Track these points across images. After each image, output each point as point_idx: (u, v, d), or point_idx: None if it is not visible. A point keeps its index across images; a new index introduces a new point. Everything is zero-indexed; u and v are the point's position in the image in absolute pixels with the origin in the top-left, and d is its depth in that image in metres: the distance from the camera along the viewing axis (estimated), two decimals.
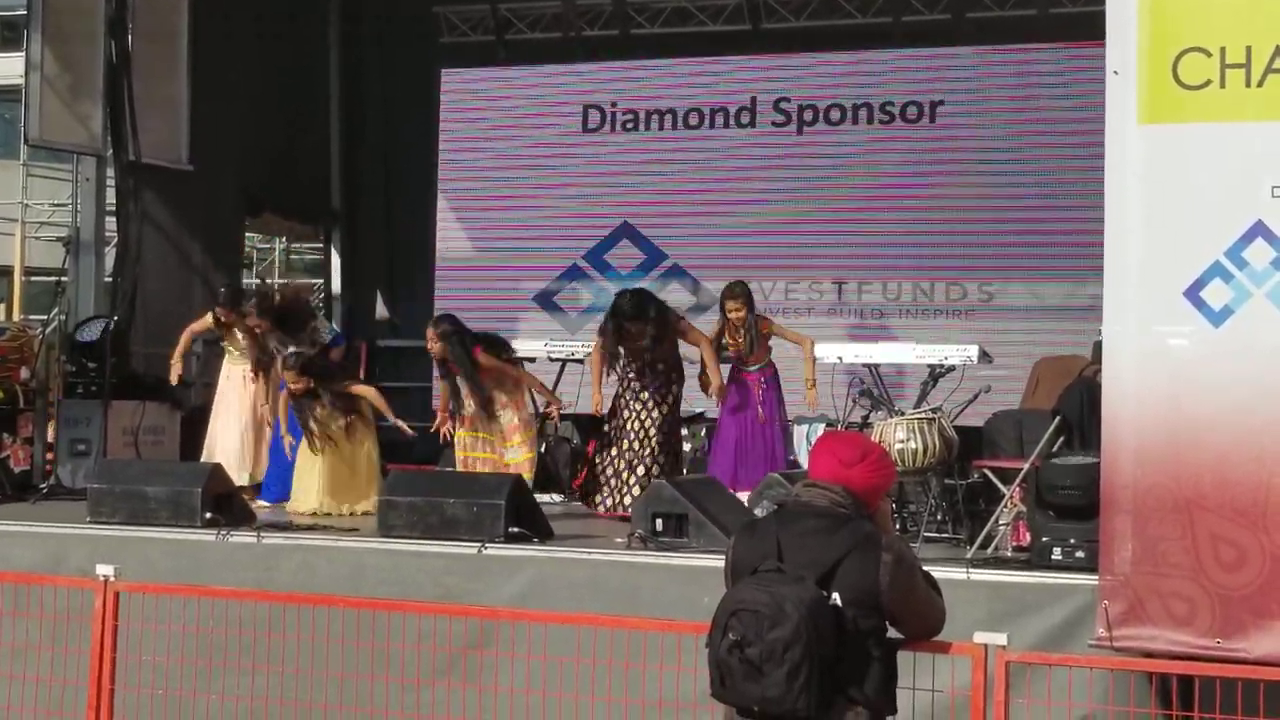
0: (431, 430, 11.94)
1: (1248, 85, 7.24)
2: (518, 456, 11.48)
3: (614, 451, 11.62)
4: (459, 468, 11.55)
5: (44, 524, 10.23)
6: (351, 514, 11.32)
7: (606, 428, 11.79)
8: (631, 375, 11.68)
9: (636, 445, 11.52)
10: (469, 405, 11.56)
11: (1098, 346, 8.84)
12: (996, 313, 15.55)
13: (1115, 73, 7.45)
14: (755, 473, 11.21)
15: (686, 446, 12.88)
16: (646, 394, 11.61)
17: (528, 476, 11.05)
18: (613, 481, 11.56)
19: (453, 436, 11.67)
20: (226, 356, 12.97)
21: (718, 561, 5.29)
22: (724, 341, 12.02)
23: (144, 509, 10.04)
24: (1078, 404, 9.18)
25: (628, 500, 11.27)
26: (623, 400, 11.73)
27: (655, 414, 11.61)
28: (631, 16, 17.39)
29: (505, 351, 11.81)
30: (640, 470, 11.44)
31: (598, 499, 11.65)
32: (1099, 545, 7.54)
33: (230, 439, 12.52)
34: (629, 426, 11.59)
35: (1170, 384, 7.35)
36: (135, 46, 14.49)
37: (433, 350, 11.66)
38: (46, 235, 24.24)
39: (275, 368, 12.18)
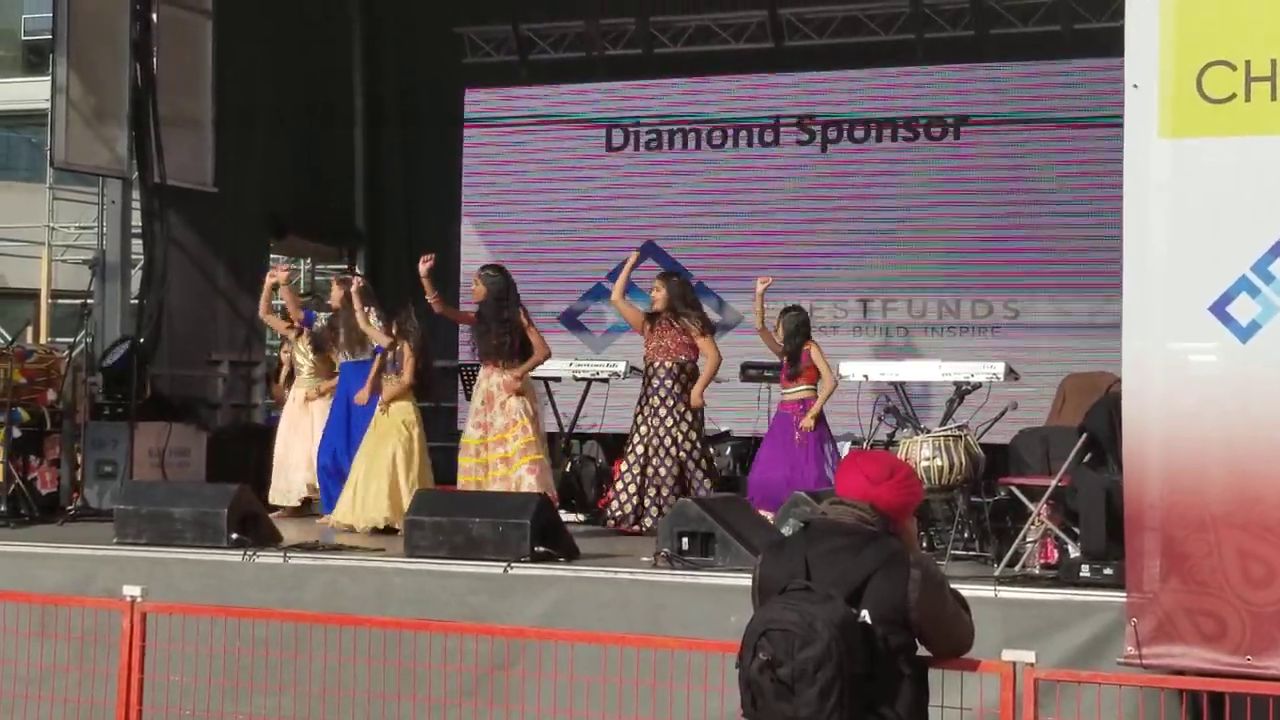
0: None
1: (1273, 98, 7.21)
2: (521, 458, 11.41)
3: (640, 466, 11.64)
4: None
5: (71, 545, 10.25)
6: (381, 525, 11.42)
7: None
8: (654, 382, 11.67)
9: (657, 458, 11.55)
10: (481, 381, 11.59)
11: None
12: (1022, 329, 15.53)
13: (1135, 86, 7.43)
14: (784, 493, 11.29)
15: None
16: (657, 400, 11.63)
17: (537, 484, 11.15)
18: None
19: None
20: (296, 381, 13.18)
21: (744, 580, 5.27)
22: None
23: (170, 530, 10.05)
24: (1105, 421, 9.12)
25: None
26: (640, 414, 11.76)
27: (670, 423, 11.61)
28: (654, 36, 17.41)
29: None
30: (661, 483, 11.48)
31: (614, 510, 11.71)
32: (1125, 563, 7.51)
33: (304, 455, 12.72)
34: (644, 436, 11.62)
35: (1195, 400, 7.31)
36: (160, 69, 14.56)
37: (475, 294, 11.79)
38: (72, 258, 24.28)
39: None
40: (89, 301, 14.28)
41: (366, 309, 12.20)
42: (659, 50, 17.44)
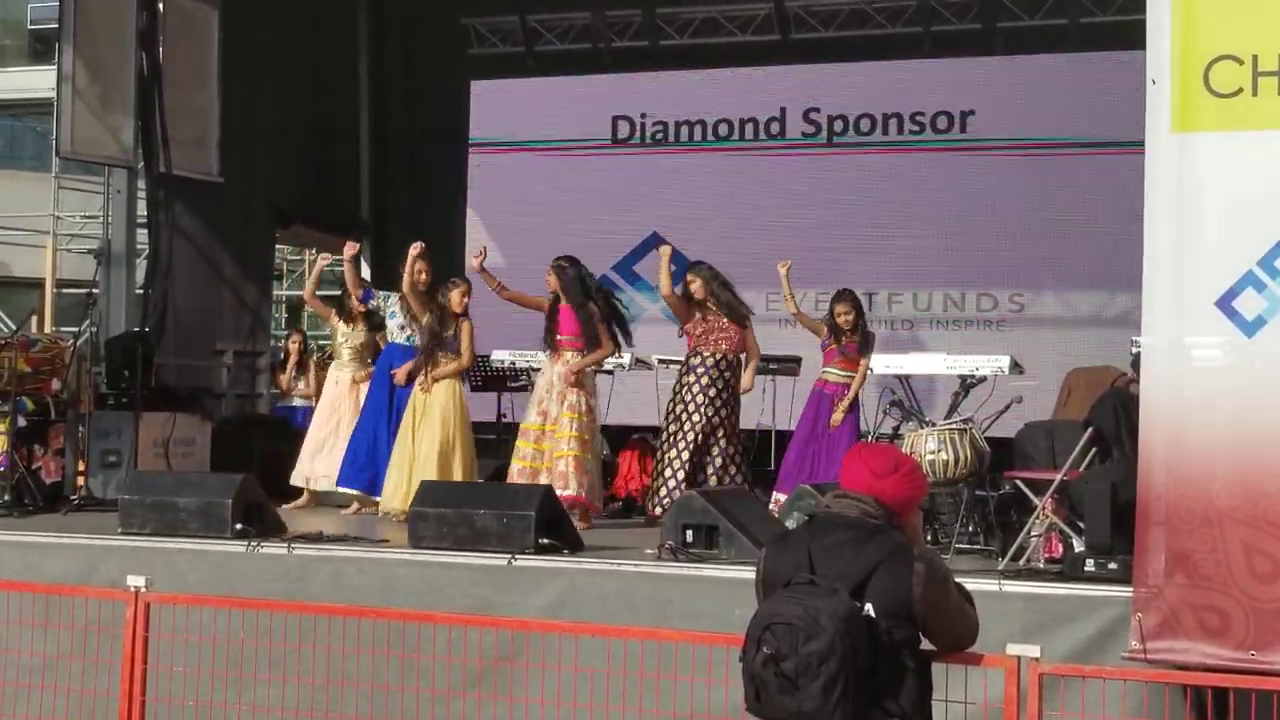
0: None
1: None
2: (563, 450, 11.37)
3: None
4: (518, 480, 11.45)
5: (75, 535, 10.24)
6: None
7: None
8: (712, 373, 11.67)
9: (709, 445, 11.59)
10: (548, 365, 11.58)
11: (1137, 358, 8.81)
12: (1027, 323, 15.53)
13: (1153, 81, 7.41)
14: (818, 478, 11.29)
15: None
16: (714, 391, 11.63)
17: (573, 475, 11.15)
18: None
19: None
20: (334, 364, 13.14)
21: (748, 573, 5.27)
22: (826, 343, 12.17)
23: (175, 520, 10.05)
24: (1110, 415, 9.13)
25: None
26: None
27: (725, 413, 11.64)
28: (661, 27, 17.40)
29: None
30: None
31: None
32: (1132, 557, 7.50)
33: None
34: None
35: (1202, 394, 7.30)
36: (166, 59, 14.57)
37: (548, 283, 11.69)
38: (78, 247, 24.33)
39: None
40: (94, 291, 14.29)
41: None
42: (665, 42, 17.45)
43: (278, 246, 19.52)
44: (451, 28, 17.96)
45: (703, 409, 11.58)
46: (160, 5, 14.54)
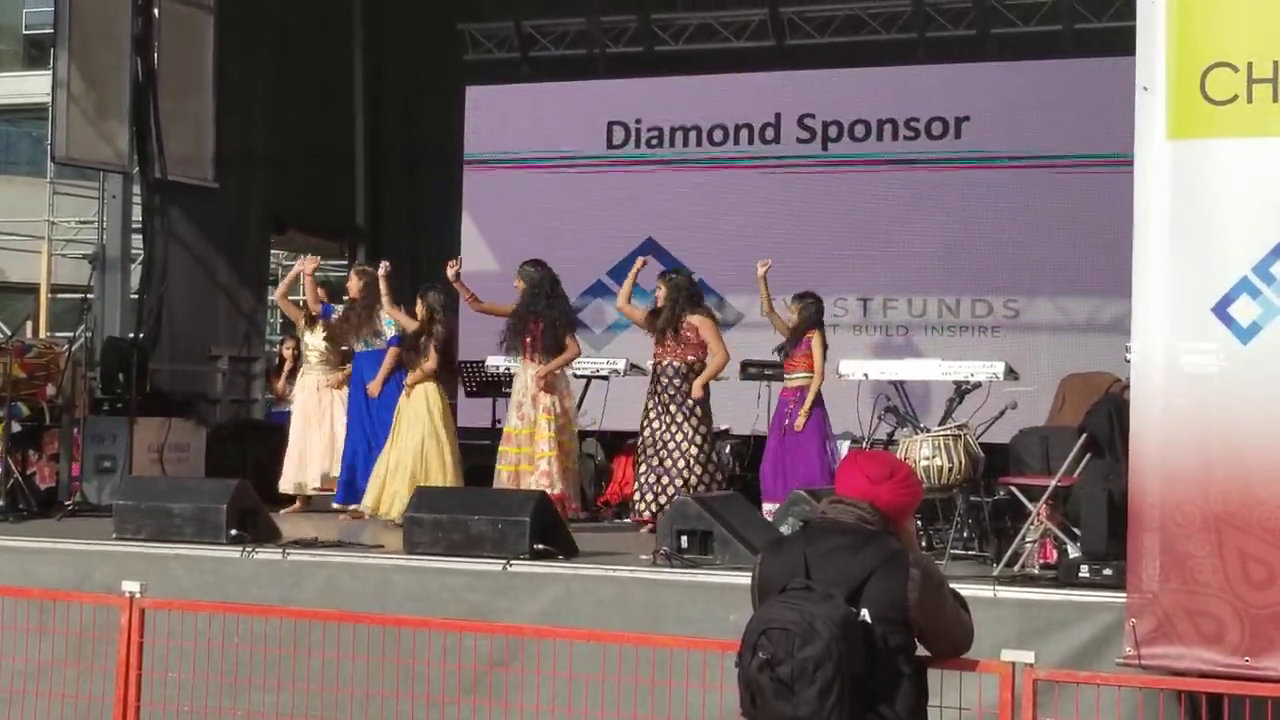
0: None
1: (1275, 100, 7.21)
2: (544, 450, 11.50)
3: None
4: (506, 484, 11.53)
5: (70, 541, 10.23)
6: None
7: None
8: (662, 380, 11.69)
9: (670, 458, 11.58)
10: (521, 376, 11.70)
11: None
12: (1023, 329, 15.51)
13: (1145, 89, 7.42)
14: (788, 484, 11.28)
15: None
16: (667, 398, 11.65)
17: (558, 475, 11.33)
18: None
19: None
20: (303, 370, 13.16)
21: (743, 579, 5.27)
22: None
23: (169, 526, 10.04)
24: (1105, 421, 9.14)
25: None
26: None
27: (680, 419, 11.64)
28: (656, 33, 17.41)
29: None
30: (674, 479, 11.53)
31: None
32: (1126, 563, 7.50)
33: (321, 444, 12.73)
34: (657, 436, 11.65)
35: (1197, 401, 7.31)
36: (161, 64, 14.57)
37: (517, 286, 11.88)
38: (73, 253, 24.31)
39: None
40: (89, 296, 14.29)
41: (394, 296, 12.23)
42: (660, 48, 17.45)
43: (273, 252, 19.49)
44: (447, 33, 17.95)
45: (661, 418, 11.67)
46: (155, 10, 14.55)
